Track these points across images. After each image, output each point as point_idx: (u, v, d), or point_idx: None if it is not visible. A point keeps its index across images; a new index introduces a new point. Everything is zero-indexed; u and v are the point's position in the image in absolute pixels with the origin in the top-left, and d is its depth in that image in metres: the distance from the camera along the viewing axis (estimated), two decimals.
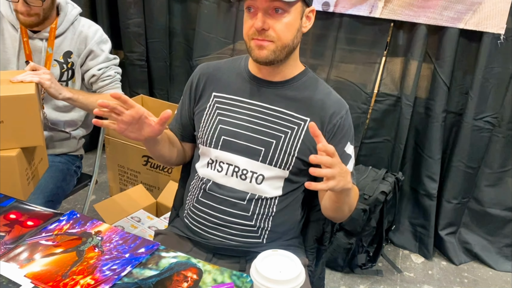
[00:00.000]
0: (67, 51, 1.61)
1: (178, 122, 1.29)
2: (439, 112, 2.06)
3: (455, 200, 2.18)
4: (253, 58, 1.11)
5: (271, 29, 1.05)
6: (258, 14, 1.04)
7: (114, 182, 2.52)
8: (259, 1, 1.04)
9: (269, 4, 1.03)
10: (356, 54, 2.17)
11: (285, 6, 1.04)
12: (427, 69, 2.08)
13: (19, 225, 1.00)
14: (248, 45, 1.10)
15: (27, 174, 1.41)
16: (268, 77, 1.16)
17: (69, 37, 1.61)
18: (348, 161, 1.15)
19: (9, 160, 1.30)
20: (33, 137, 1.35)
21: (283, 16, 1.05)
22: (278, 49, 1.07)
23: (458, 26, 1.91)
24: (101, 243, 0.95)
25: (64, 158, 1.74)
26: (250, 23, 1.07)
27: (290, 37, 1.08)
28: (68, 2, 1.65)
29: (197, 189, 1.21)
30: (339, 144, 1.14)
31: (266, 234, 1.16)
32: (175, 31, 2.58)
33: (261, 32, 1.05)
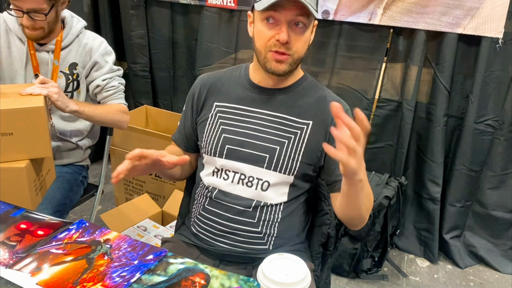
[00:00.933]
0: (72, 63, 1.65)
1: (182, 134, 1.31)
2: (440, 116, 2.08)
3: (459, 203, 2.19)
4: (269, 70, 1.11)
5: (293, 43, 1.07)
6: (283, 27, 1.05)
7: (119, 192, 2.55)
8: (284, 14, 1.05)
9: (294, 17, 1.05)
10: (357, 60, 2.20)
11: (307, 21, 1.07)
12: (427, 74, 2.10)
13: (30, 234, 1.02)
14: (263, 56, 1.11)
15: (36, 185, 1.43)
16: (269, 85, 1.18)
17: (75, 49, 1.65)
18: None
19: (18, 172, 1.33)
20: (41, 149, 1.37)
21: (303, 30, 1.08)
22: (294, 62, 1.11)
23: (456, 31, 1.93)
24: (110, 250, 0.97)
25: (71, 169, 1.77)
26: (270, 34, 1.08)
27: (304, 50, 1.12)
28: (74, 16, 1.69)
29: (203, 197, 1.23)
30: None
31: (272, 241, 1.18)
32: (178, 42, 2.61)
33: (284, 45, 1.07)
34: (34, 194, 1.43)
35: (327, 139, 1.15)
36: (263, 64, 1.12)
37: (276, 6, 1.04)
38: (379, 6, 2.01)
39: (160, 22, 2.58)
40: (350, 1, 2.05)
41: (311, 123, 1.15)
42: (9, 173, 1.34)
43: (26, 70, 1.63)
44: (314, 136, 1.15)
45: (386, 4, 1.99)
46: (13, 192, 1.34)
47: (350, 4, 2.06)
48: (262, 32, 1.09)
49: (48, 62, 1.63)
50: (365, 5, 2.04)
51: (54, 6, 1.52)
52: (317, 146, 1.15)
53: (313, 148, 1.15)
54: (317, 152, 1.15)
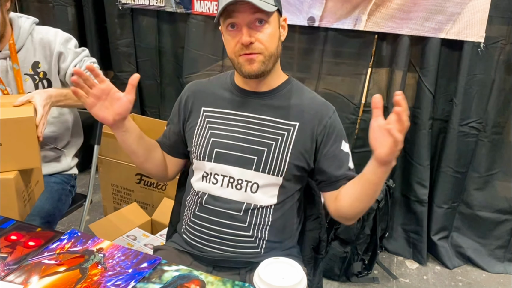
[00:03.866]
0: (34, 62, 1.59)
1: (167, 138, 1.33)
2: (425, 119, 2.11)
3: (446, 205, 2.22)
4: (244, 73, 1.13)
5: (257, 41, 1.09)
6: (243, 29, 1.08)
7: (107, 202, 2.52)
8: (241, 17, 1.07)
9: (251, 17, 1.07)
10: (343, 66, 2.23)
11: (266, 17, 1.08)
12: (412, 79, 2.14)
13: (21, 246, 1.01)
14: (236, 62, 1.13)
15: (24, 196, 1.42)
16: (254, 88, 1.20)
17: (31, 47, 1.58)
18: (348, 158, 1.20)
19: (6, 183, 1.31)
20: (31, 160, 1.36)
21: (265, 27, 1.09)
22: (266, 59, 1.11)
23: (439, 36, 1.97)
24: (104, 259, 0.97)
25: (59, 178, 1.75)
26: (235, 40, 1.10)
27: (274, 46, 1.12)
28: (20, 15, 1.62)
29: (193, 203, 1.23)
30: (335, 143, 1.18)
31: (264, 244, 1.19)
32: (164, 50, 2.61)
33: (248, 46, 1.08)
34: (23, 205, 1.42)
35: (314, 141, 1.17)
36: (239, 70, 1.14)
37: (231, 12, 1.07)
38: (363, 12, 2.04)
39: (146, 31, 2.58)
40: (335, 8, 2.08)
41: (298, 125, 1.17)
42: None
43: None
44: (301, 137, 1.16)
45: (370, 11, 2.03)
46: (1, 203, 1.33)
47: (335, 11, 2.09)
48: (228, 40, 1.13)
49: (7, 69, 1.57)
50: (349, 12, 2.07)
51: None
52: (304, 147, 1.17)
53: (300, 149, 1.16)
54: (304, 154, 1.17)
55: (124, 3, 2.51)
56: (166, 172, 1.34)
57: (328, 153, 1.18)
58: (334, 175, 1.18)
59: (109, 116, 1.11)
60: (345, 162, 1.19)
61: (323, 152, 1.18)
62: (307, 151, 1.17)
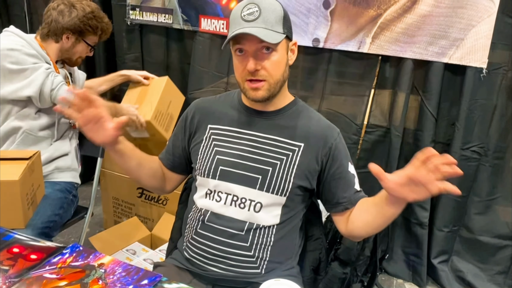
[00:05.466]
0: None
1: (170, 153, 1.34)
2: (427, 142, 2.12)
3: (446, 228, 2.22)
4: (250, 99, 1.16)
5: (263, 69, 1.11)
6: (250, 57, 1.10)
7: (108, 215, 2.52)
8: (248, 45, 1.10)
9: (258, 45, 1.10)
10: (346, 86, 2.25)
11: (273, 45, 1.10)
12: (415, 101, 2.16)
13: (23, 258, 1.01)
14: (242, 86, 1.16)
15: (28, 199, 1.44)
16: (261, 108, 1.22)
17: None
18: (354, 179, 1.21)
19: (12, 185, 1.33)
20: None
21: (272, 55, 1.11)
22: (272, 86, 1.14)
23: (442, 61, 2.00)
24: (105, 275, 0.97)
25: (62, 186, 1.77)
26: (242, 65, 1.13)
27: (280, 72, 1.15)
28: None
29: (195, 221, 1.23)
30: (341, 165, 1.20)
31: (264, 264, 1.19)
32: (171, 66, 2.65)
33: (254, 73, 1.11)
34: (26, 208, 1.44)
35: (319, 163, 1.18)
36: (244, 94, 1.17)
37: (239, 39, 1.10)
38: (368, 35, 2.07)
39: (154, 46, 2.62)
40: (340, 30, 2.12)
41: (303, 146, 1.18)
42: (2, 186, 1.34)
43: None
44: (305, 158, 1.17)
45: (375, 33, 2.06)
46: (6, 205, 1.35)
47: (339, 33, 2.12)
48: (236, 64, 1.15)
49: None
50: (354, 34, 2.10)
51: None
52: (308, 168, 1.18)
53: (304, 170, 1.17)
54: (308, 175, 1.18)
55: (133, 19, 2.56)
56: (163, 184, 1.36)
57: (334, 175, 1.19)
58: (341, 196, 1.20)
59: (97, 139, 1.12)
60: (352, 184, 1.21)
61: (329, 174, 1.19)
62: (310, 172, 1.18)
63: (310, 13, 2.14)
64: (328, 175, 1.19)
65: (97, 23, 1.79)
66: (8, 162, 1.44)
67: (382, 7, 2.02)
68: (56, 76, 1.66)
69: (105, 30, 1.84)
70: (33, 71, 1.63)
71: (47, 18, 1.75)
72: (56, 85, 1.64)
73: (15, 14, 2.94)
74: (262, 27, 1.07)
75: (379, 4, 2.02)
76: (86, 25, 1.75)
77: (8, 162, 1.44)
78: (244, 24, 1.08)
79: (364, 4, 2.05)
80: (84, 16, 1.74)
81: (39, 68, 1.63)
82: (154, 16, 2.50)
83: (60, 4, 1.74)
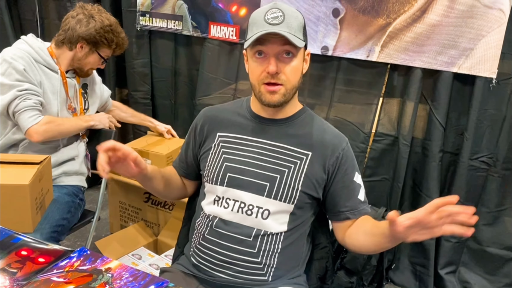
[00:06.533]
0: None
1: (183, 161, 1.35)
2: (435, 152, 2.11)
3: (454, 239, 2.20)
4: (264, 103, 1.15)
5: (283, 73, 1.11)
6: (271, 59, 1.10)
7: (114, 219, 2.53)
8: (270, 47, 1.10)
9: (280, 48, 1.10)
10: (354, 95, 2.25)
11: (294, 50, 1.11)
12: (423, 110, 2.15)
13: (31, 261, 1.01)
14: (257, 90, 1.15)
15: (37, 203, 1.45)
16: (270, 115, 1.22)
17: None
18: (359, 190, 1.21)
19: (22, 189, 1.35)
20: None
21: (292, 60, 1.12)
22: (287, 92, 1.14)
23: (452, 70, 1.99)
24: (112, 280, 0.97)
25: (69, 190, 1.78)
26: (261, 68, 1.12)
27: (297, 79, 1.15)
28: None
29: (203, 226, 1.24)
30: (346, 175, 1.19)
31: (271, 272, 1.18)
32: (179, 72, 2.66)
33: (274, 76, 1.11)
34: (35, 212, 1.45)
35: (326, 172, 1.18)
36: (259, 98, 1.16)
37: (262, 40, 1.09)
38: (377, 44, 2.07)
39: (163, 52, 2.64)
40: (348, 39, 2.12)
41: (310, 154, 1.18)
42: (12, 190, 1.36)
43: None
44: (312, 167, 1.17)
45: (384, 42, 2.06)
46: (16, 209, 1.37)
47: (348, 41, 2.12)
48: (254, 67, 1.14)
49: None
50: (363, 43, 2.10)
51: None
52: (315, 176, 1.17)
53: (311, 178, 1.17)
54: (315, 183, 1.18)
55: (143, 25, 2.58)
56: (186, 191, 1.39)
57: (339, 184, 1.19)
58: (343, 205, 1.19)
59: (126, 174, 1.16)
60: (356, 194, 1.20)
61: (334, 182, 1.19)
62: (318, 181, 1.18)
63: (319, 21, 2.14)
64: (332, 184, 1.19)
65: (113, 36, 1.80)
66: (18, 166, 1.46)
67: (391, 16, 2.02)
68: (25, 100, 1.63)
69: (120, 45, 1.86)
70: (8, 89, 1.62)
71: (65, 25, 1.77)
72: (18, 109, 1.62)
73: (27, 19, 2.97)
74: (286, 31, 1.08)
75: (388, 13, 2.02)
76: (102, 37, 1.76)
77: (19, 166, 1.46)
78: (269, 26, 1.08)
79: (373, 13, 2.05)
80: (101, 28, 1.75)
81: (14, 87, 1.62)
82: (163, 22, 2.52)
83: (79, 14, 1.76)
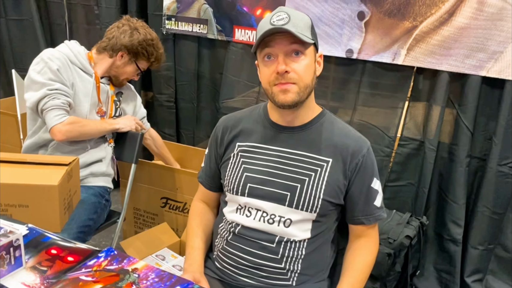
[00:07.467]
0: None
1: (208, 175, 1.35)
2: (462, 157, 2.07)
3: (481, 246, 2.14)
4: (278, 103, 1.13)
5: (293, 71, 1.09)
6: (279, 58, 1.09)
7: (128, 226, 2.50)
8: (277, 47, 1.09)
9: (288, 47, 1.09)
10: (379, 98, 2.23)
11: (302, 48, 1.09)
12: (450, 115, 2.11)
13: (60, 260, 1.04)
14: (270, 92, 1.14)
15: (65, 204, 1.48)
16: (287, 123, 1.20)
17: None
18: (376, 196, 1.19)
19: (51, 190, 1.38)
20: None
21: (301, 58, 1.10)
22: (301, 90, 1.11)
23: (480, 74, 1.95)
24: (138, 280, 0.98)
25: (96, 190, 1.81)
26: (271, 70, 1.11)
27: (309, 77, 1.13)
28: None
29: (226, 231, 1.24)
30: (365, 182, 1.18)
31: (295, 277, 1.18)
32: (203, 75, 2.68)
33: (283, 75, 1.09)
34: (63, 212, 1.48)
35: (347, 178, 1.17)
36: (273, 101, 1.15)
37: (268, 42, 1.09)
38: (402, 47, 2.05)
39: (187, 55, 2.66)
40: (374, 42, 2.10)
41: (331, 161, 1.16)
42: (41, 190, 1.39)
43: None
44: (334, 174, 1.16)
45: (410, 45, 2.03)
46: (44, 209, 1.40)
47: (374, 44, 2.10)
48: (264, 71, 1.14)
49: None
50: (389, 46, 2.08)
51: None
52: (337, 183, 1.16)
53: (333, 185, 1.16)
54: (337, 190, 1.17)
55: (169, 29, 2.61)
56: (216, 212, 1.40)
57: (356, 189, 1.18)
58: (359, 210, 1.19)
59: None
60: (372, 200, 1.19)
61: (352, 188, 1.18)
62: (340, 188, 1.17)
63: (344, 24, 2.13)
64: (350, 189, 1.18)
65: (153, 50, 1.89)
66: (48, 167, 1.50)
67: (418, 19, 1.99)
68: (54, 99, 1.67)
69: (158, 59, 1.94)
70: (40, 87, 1.67)
71: (110, 34, 1.85)
72: (46, 107, 1.67)
73: (56, 23, 3.05)
74: (292, 29, 1.07)
75: (415, 16, 2.00)
76: (143, 49, 1.85)
77: (48, 167, 1.50)
78: (274, 27, 1.08)
79: (399, 16, 2.03)
80: (144, 41, 1.83)
81: (46, 86, 1.67)
82: (189, 26, 2.55)
83: (125, 25, 1.84)
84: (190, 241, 1.30)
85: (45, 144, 1.79)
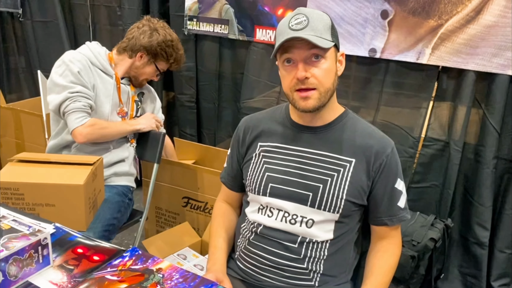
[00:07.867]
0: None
1: (230, 175, 1.35)
2: (489, 158, 2.02)
3: (509, 250, 2.09)
4: (299, 109, 1.13)
5: (313, 77, 1.09)
6: (299, 65, 1.08)
7: (150, 225, 2.53)
8: (297, 53, 1.08)
9: (307, 52, 1.08)
10: (403, 98, 2.19)
11: (322, 52, 1.08)
12: (476, 115, 2.06)
13: (87, 259, 1.05)
14: (291, 97, 1.14)
15: (90, 203, 1.51)
16: (309, 123, 1.19)
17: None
18: (400, 196, 1.18)
19: (77, 189, 1.41)
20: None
21: (322, 62, 1.09)
22: (322, 95, 1.11)
23: (508, 73, 1.90)
24: (163, 280, 0.99)
25: (119, 189, 1.83)
26: (291, 75, 1.10)
27: (330, 81, 1.12)
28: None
29: (248, 232, 1.24)
30: (388, 182, 1.16)
31: (318, 277, 1.17)
32: (224, 75, 2.69)
33: (304, 81, 1.08)
34: (88, 211, 1.51)
35: (371, 178, 1.15)
36: (293, 105, 1.15)
37: (287, 47, 1.08)
38: (427, 46, 2.01)
39: (208, 56, 2.67)
40: (398, 41, 2.07)
41: (354, 161, 1.15)
42: (67, 190, 1.42)
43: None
44: (357, 174, 1.15)
45: (435, 44, 1.99)
46: (70, 208, 1.43)
47: (398, 43, 2.07)
48: (284, 75, 1.13)
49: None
50: (413, 45, 2.04)
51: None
52: (360, 183, 1.15)
53: (356, 186, 1.14)
54: (360, 190, 1.15)
55: (190, 29, 2.63)
56: (239, 213, 1.39)
57: (380, 190, 1.16)
58: (382, 211, 1.17)
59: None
60: (396, 201, 1.17)
61: (375, 188, 1.16)
62: (363, 188, 1.15)
63: (367, 23, 2.10)
64: (374, 189, 1.17)
65: (172, 51, 1.88)
66: (73, 166, 1.52)
67: (443, 17, 1.95)
68: (75, 102, 1.69)
69: (178, 60, 1.93)
70: (62, 90, 1.69)
71: (130, 34, 1.86)
72: (68, 110, 1.69)
73: (80, 24, 3.10)
74: (311, 34, 1.06)
75: (440, 14, 1.96)
76: (162, 50, 1.84)
77: (73, 166, 1.52)
78: (293, 32, 1.07)
79: (424, 14, 1.99)
80: (163, 42, 1.83)
81: (67, 88, 1.69)
82: (210, 27, 2.56)
83: (145, 25, 1.85)
84: (213, 241, 1.30)
85: (68, 145, 1.82)
